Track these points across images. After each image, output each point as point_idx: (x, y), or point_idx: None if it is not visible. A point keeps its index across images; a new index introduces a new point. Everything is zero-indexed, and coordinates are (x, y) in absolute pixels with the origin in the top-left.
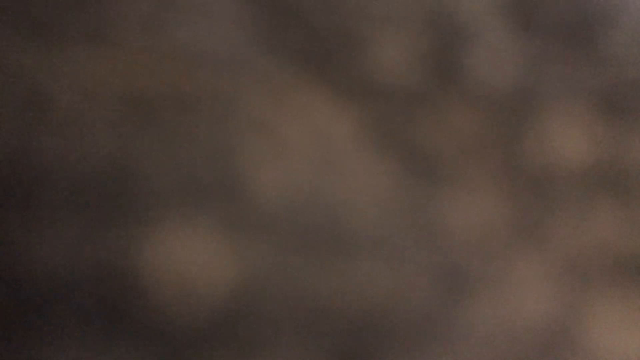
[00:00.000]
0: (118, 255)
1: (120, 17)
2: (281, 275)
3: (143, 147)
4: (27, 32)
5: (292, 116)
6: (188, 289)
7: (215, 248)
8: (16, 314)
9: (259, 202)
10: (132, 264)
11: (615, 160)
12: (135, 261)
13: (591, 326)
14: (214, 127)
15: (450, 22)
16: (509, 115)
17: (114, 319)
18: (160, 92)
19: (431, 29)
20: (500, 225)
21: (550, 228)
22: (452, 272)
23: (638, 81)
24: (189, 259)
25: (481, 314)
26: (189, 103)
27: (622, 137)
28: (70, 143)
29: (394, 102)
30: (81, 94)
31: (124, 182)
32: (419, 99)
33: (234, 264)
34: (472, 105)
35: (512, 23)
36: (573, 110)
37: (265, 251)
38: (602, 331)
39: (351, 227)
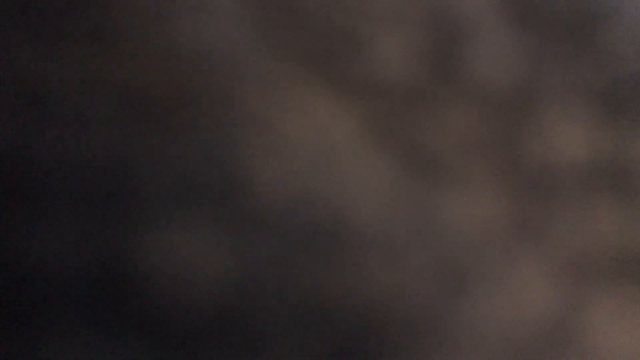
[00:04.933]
0: (118, 252)
1: (120, 15)
2: (281, 272)
3: (143, 145)
4: (26, 30)
5: (292, 113)
6: (188, 287)
7: (214, 245)
8: (16, 312)
9: (259, 200)
10: (131, 261)
11: (614, 158)
12: (135, 258)
13: (591, 323)
14: (215, 125)
15: (449, 20)
16: (508, 113)
17: (114, 317)
18: (160, 89)
19: (431, 27)
20: (500, 223)
21: (550, 226)
22: (452, 270)
23: (637, 78)
24: (189, 256)
25: (481, 311)
26: (189, 100)
27: (622, 135)
28: (69, 140)
29: (394, 99)
30: (81, 91)
31: (123, 179)
32: (418, 97)
33: (233, 261)
34: (471, 102)
35: (512, 20)
36: (573, 108)
37: (265, 248)
38: (602, 328)
39: (351, 225)
